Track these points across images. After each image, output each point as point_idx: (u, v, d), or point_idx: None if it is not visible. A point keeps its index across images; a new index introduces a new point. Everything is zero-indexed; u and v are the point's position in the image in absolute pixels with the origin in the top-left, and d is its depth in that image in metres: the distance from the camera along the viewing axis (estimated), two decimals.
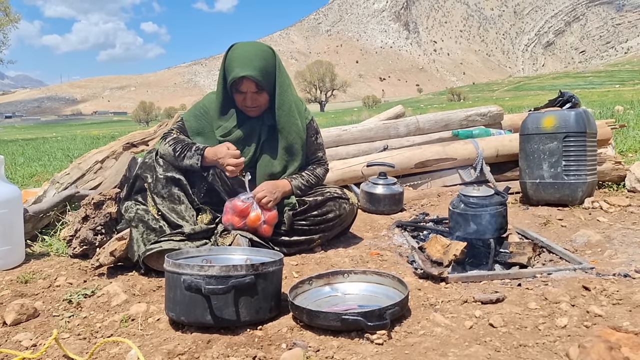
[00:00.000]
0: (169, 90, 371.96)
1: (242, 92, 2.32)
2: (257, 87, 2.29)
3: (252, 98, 2.32)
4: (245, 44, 2.34)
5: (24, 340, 1.62)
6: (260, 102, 2.35)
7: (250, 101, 2.32)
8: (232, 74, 2.25)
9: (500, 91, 75.45)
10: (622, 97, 18.92)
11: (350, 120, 17.70)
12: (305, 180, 2.46)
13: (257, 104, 2.35)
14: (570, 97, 4.83)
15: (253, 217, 2.27)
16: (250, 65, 2.24)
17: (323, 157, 2.59)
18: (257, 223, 2.28)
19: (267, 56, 2.31)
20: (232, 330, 1.60)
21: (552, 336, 1.47)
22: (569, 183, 3.16)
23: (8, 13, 31.08)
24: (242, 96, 2.33)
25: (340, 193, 2.48)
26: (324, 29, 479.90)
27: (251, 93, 2.30)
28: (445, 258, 2.07)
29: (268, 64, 2.30)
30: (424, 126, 4.46)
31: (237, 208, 2.27)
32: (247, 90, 2.29)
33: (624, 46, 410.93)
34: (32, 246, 2.68)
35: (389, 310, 1.53)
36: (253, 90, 2.30)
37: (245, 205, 2.27)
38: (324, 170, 2.58)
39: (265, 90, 2.32)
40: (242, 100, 2.34)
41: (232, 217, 2.28)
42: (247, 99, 2.32)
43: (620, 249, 2.29)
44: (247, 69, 2.23)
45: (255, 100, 2.33)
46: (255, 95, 2.32)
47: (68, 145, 12.88)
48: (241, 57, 2.27)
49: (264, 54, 2.32)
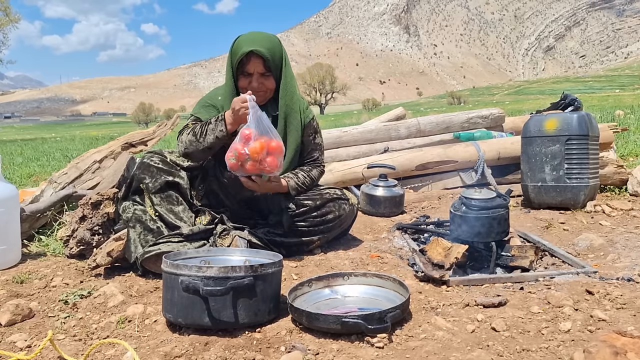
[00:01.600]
0: (169, 92, 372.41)
1: (248, 75, 2.26)
2: (265, 67, 2.25)
3: (259, 81, 2.27)
4: (252, 31, 2.34)
5: (18, 341, 1.60)
6: (267, 87, 2.30)
7: (257, 83, 2.26)
8: (240, 51, 2.21)
9: (500, 95, 75.66)
10: (622, 101, 18.95)
11: (350, 123, 17.68)
12: (301, 182, 2.39)
13: (264, 88, 2.29)
14: (573, 100, 4.82)
15: (256, 146, 1.99)
16: (258, 42, 2.23)
17: (319, 157, 2.52)
18: (260, 153, 2.01)
19: (273, 40, 2.30)
20: (230, 333, 1.58)
21: (556, 341, 1.45)
22: (571, 186, 3.14)
23: (8, 13, 31.13)
24: (247, 80, 2.27)
25: (339, 194, 2.46)
26: (325, 32, 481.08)
27: (258, 74, 2.25)
28: (446, 261, 2.05)
29: (275, 47, 2.28)
30: (425, 128, 4.45)
31: (242, 135, 2.02)
32: (254, 70, 2.24)
33: (624, 51, 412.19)
34: (29, 246, 2.65)
35: (389, 314, 1.51)
36: (260, 71, 2.25)
37: (249, 131, 2.00)
38: (319, 172, 2.52)
39: (272, 75, 2.28)
40: (248, 84, 2.27)
41: (234, 146, 2.03)
42: (254, 80, 2.26)
43: (623, 252, 2.27)
44: (255, 44, 2.21)
45: (262, 84, 2.28)
46: (261, 78, 2.27)
47: (67, 145, 12.87)
48: (248, 38, 2.26)
49: (270, 38, 2.31)
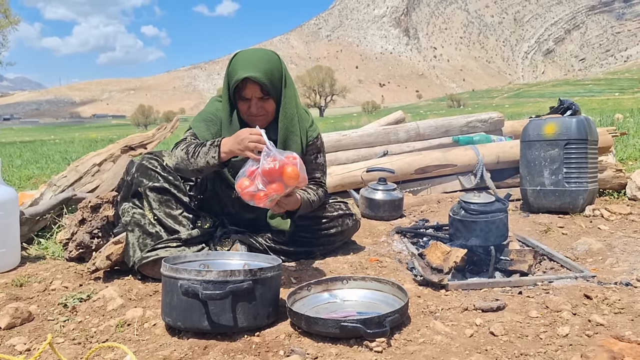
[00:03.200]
0: (168, 94, 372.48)
1: (246, 100, 2.12)
2: (262, 92, 2.09)
3: (258, 105, 2.12)
4: (249, 49, 2.19)
5: (18, 344, 1.60)
6: (267, 110, 2.15)
7: (256, 108, 2.12)
8: (235, 77, 2.07)
9: (499, 98, 75.72)
10: (621, 105, 18.98)
11: (349, 125, 17.72)
12: (312, 201, 2.24)
13: (264, 112, 2.15)
14: (571, 105, 4.83)
15: (291, 172, 1.78)
16: (254, 66, 2.06)
17: (321, 178, 2.37)
18: (298, 178, 1.80)
19: (272, 60, 2.13)
20: (229, 337, 1.58)
21: (554, 345, 1.45)
22: (570, 190, 3.15)
23: (8, 15, 31.14)
24: (246, 104, 2.13)
25: (345, 209, 2.45)
26: (324, 34, 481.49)
27: (256, 99, 2.11)
28: (445, 265, 2.05)
29: (273, 68, 2.11)
30: (424, 132, 4.46)
31: (269, 172, 1.77)
32: (252, 95, 2.10)
33: (624, 54, 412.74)
34: (28, 249, 2.65)
35: (388, 318, 1.51)
36: (258, 96, 2.10)
37: (279, 162, 1.77)
38: (324, 192, 2.37)
39: (271, 97, 2.13)
40: (247, 109, 2.14)
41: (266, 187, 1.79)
42: (252, 105, 2.12)
43: (621, 257, 2.28)
44: (250, 69, 2.05)
45: (261, 107, 2.13)
46: (260, 102, 2.12)
47: (66, 148, 12.87)
48: (244, 59, 2.11)
49: (269, 57, 2.14)
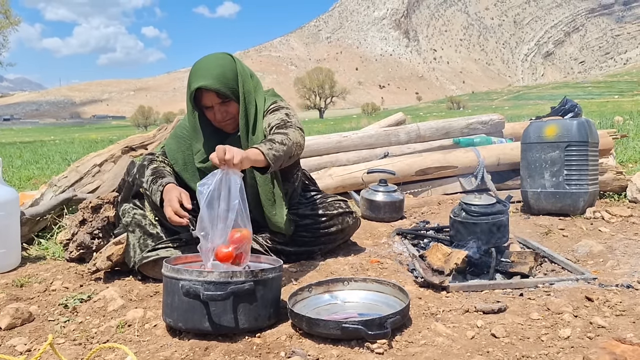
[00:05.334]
0: (168, 95, 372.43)
1: (209, 107, 2.14)
2: (219, 97, 2.10)
3: (221, 110, 2.13)
4: (203, 57, 2.17)
5: (18, 345, 1.60)
6: (232, 113, 2.15)
7: (220, 114, 2.13)
8: (190, 89, 2.08)
9: (499, 100, 75.79)
10: (621, 107, 19.02)
11: (349, 127, 17.73)
12: (276, 149, 1.92)
13: (229, 117, 2.16)
14: (573, 107, 4.84)
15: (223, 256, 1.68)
16: (206, 74, 2.06)
17: (287, 118, 2.15)
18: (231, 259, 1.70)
19: (224, 63, 2.12)
20: (230, 338, 1.58)
21: (556, 347, 1.45)
22: (571, 193, 3.14)
23: (8, 16, 31.18)
24: (211, 112, 2.15)
25: (345, 207, 2.44)
26: (324, 36, 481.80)
27: (217, 105, 2.12)
28: (446, 267, 2.05)
29: (226, 70, 2.09)
30: (424, 134, 4.46)
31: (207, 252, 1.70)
32: (212, 103, 2.11)
33: (623, 57, 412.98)
34: (28, 249, 2.65)
35: (389, 319, 1.51)
36: (217, 102, 2.11)
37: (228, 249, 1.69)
38: (296, 131, 2.08)
39: (232, 100, 2.12)
40: (213, 117, 2.16)
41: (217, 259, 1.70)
42: (216, 112, 2.13)
43: (622, 259, 2.27)
44: (201, 79, 2.05)
45: (225, 112, 2.14)
46: (222, 107, 2.13)
47: (66, 148, 12.88)
48: (197, 69, 2.11)
49: (221, 60, 2.13)
